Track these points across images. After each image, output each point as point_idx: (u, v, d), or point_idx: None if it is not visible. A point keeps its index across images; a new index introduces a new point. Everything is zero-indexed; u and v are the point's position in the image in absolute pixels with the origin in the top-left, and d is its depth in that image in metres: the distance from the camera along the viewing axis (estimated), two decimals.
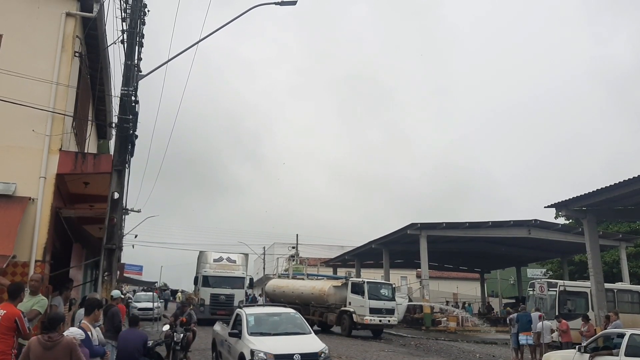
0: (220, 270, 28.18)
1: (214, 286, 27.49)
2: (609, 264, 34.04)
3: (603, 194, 18.28)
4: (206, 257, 29.06)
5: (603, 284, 20.34)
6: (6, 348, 6.97)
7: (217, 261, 28.72)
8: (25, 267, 10.30)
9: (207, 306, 26.83)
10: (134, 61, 12.51)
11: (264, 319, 12.32)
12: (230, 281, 28.03)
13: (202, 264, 28.76)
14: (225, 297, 27.07)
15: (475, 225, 30.79)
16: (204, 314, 25.13)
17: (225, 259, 29.09)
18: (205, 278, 27.88)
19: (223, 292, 27.42)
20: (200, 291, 27.48)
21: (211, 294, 27.25)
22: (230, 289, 27.64)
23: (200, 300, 26.71)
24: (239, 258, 29.94)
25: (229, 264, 28.89)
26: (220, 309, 25.99)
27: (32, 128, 10.87)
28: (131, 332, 9.10)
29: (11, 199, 10.40)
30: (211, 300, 27.03)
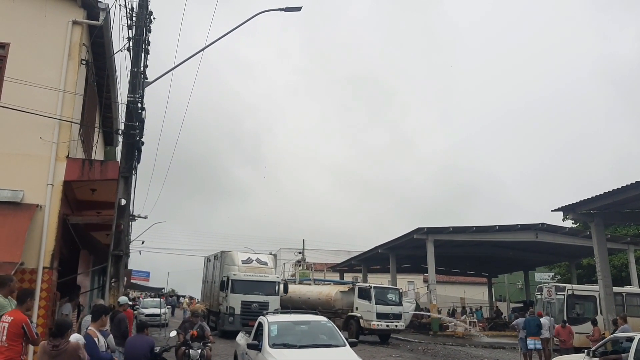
0: (251, 274, 24.16)
1: (245, 292, 23.47)
2: (618, 267, 33.86)
3: (611, 197, 18.18)
4: (232, 258, 25.13)
5: (611, 288, 20.21)
6: (15, 355, 6.99)
7: (245, 263, 24.75)
8: (33, 274, 10.34)
9: (237, 316, 22.97)
10: (140, 68, 12.59)
11: (289, 328, 10.48)
12: (263, 286, 24.13)
13: (228, 266, 24.76)
14: (259, 305, 22.81)
15: (482, 229, 30.69)
16: (233, 325, 22.15)
17: (255, 260, 25.18)
18: (234, 283, 23.58)
19: (256, 299, 23.38)
20: (229, 298, 23.37)
21: (242, 301, 23.20)
22: (263, 296, 23.72)
23: (230, 309, 23.13)
24: (269, 259, 26.28)
25: (260, 266, 24.92)
26: (253, 319, 23.79)
27: (40, 135, 10.94)
28: (138, 338, 9.11)
29: (19, 206, 10.46)
30: (242, 309, 23.05)
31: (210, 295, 27.50)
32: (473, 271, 46.93)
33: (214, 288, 26.57)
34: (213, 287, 27.10)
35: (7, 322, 7.00)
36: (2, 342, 6.96)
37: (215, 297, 25.84)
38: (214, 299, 25.98)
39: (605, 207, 19.59)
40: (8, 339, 6.92)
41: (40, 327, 9.90)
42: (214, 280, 26.70)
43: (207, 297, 28.44)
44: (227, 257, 25.45)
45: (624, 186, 17.32)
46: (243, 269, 24.25)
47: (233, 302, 23.20)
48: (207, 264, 29.59)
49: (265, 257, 26.31)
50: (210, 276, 28.34)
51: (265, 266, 25.07)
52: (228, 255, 25.46)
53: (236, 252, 25.59)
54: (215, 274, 26.67)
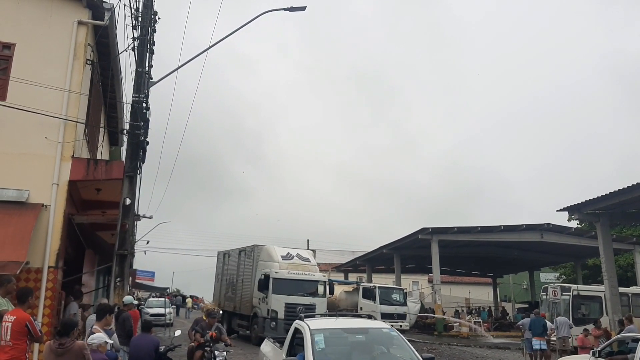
0: (295, 272, 21.12)
1: (289, 293, 20.43)
2: (623, 267, 33.72)
3: (616, 197, 18.10)
4: (269, 253, 21.92)
5: (617, 288, 20.13)
6: (19, 354, 7.02)
7: (286, 259, 21.60)
8: (39, 273, 10.39)
9: (280, 321, 19.71)
10: (144, 68, 12.61)
11: (339, 339, 7.70)
12: (308, 286, 21.27)
13: (264, 262, 21.75)
14: (305, 309, 19.66)
15: (487, 229, 30.61)
16: (276, 331, 19.02)
17: (295, 255, 22.09)
18: (276, 282, 20.34)
19: (301, 301, 20.41)
20: (271, 300, 20.19)
21: (286, 304, 20.09)
22: (309, 297, 20.78)
23: (272, 312, 19.97)
24: (310, 255, 23.20)
25: (303, 263, 21.88)
26: None
27: (45, 135, 10.98)
28: (143, 338, 9.12)
29: (24, 206, 10.51)
30: (286, 313, 19.80)
31: (233, 295, 24.37)
32: (478, 271, 46.81)
33: (240, 286, 23.62)
34: (237, 286, 24.11)
35: (10, 321, 7.02)
36: (6, 341, 6.98)
37: (244, 298, 22.71)
38: (242, 300, 22.92)
39: (611, 207, 19.51)
40: (12, 338, 6.95)
41: (46, 327, 9.94)
42: (242, 279, 23.60)
43: (225, 297, 25.41)
44: (262, 252, 22.29)
45: (629, 186, 17.23)
46: (284, 266, 21.04)
47: (275, 305, 19.99)
48: (224, 260, 26.71)
49: (306, 252, 23.30)
50: (233, 273, 25.14)
51: (308, 263, 22.09)
52: (264, 250, 22.29)
53: (273, 247, 22.36)
54: (244, 271, 23.63)
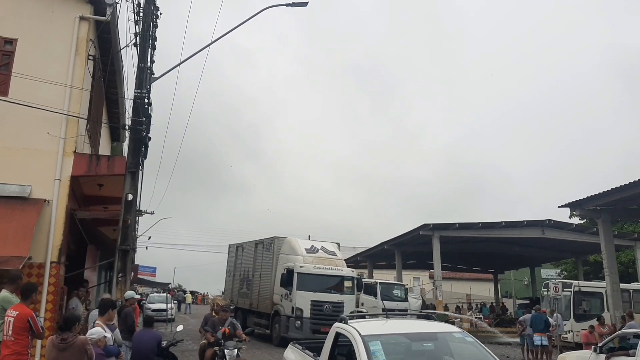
0: (322, 267, 19.39)
1: (315, 289, 18.80)
2: (625, 264, 33.70)
3: (618, 193, 18.09)
4: (292, 245, 20.29)
5: (619, 284, 20.16)
6: (22, 349, 7.06)
7: (310, 252, 19.86)
8: (41, 268, 10.42)
9: (306, 320, 18.25)
10: (146, 64, 12.60)
11: (403, 350, 5.98)
12: (336, 282, 19.69)
13: (286, 255, 20.16)
14: (332, 307, 18.44)
15: (489, 225, 30.60)
16: (301, 331, 17.81)
17: (320, 248, 20.37)
18: (302, 277, 18.73)
19: (328, 298, 18.87)
20: (295, 296, 18.55)
21: (312, 301, 18.54)
22: (337, 294, 19.27)
23: (296, 310, 18.36)
24: (336, 249, 21.54)
25: (329, 257, 20.19)
26: (326, 324, 16.70)
27: (47, 131, 11.00)
28: (145, 333, 9.15)
29: (27, 201, 10.53)
30: (312, 312, 18.41)
31: (248, 291, 22.73)
32: (479, 267, 46.81)
33: (257, 282, 21.91)
34: (254, 281, 22.43)
35: (12, 316, 7.06)
36: (9, 336, 7.02)
37: (263, 294, 21.05)
38: (260, 297, 21.25)
39: (612, 204, 19.51)
40: (14, 333, 6.99)
41: (48, 322, 9.97)
42: (260, 273, 21.86)
43: (239, 293, 23.87)
44: (284, 244, 20.62)
45: (631, 182, 17.23)
46: (309, 260, 19.30)
47: (300, 302, 18.42)
48: (237, 253, 25.22)
49: (331, 245, 21.48)
50: (248, 267, 23.46)
51: (334, 257, 20.44)
52: (285, 243, 20.65)
53: (295, 239, 20.74)
54: (262, 265, 21.86)
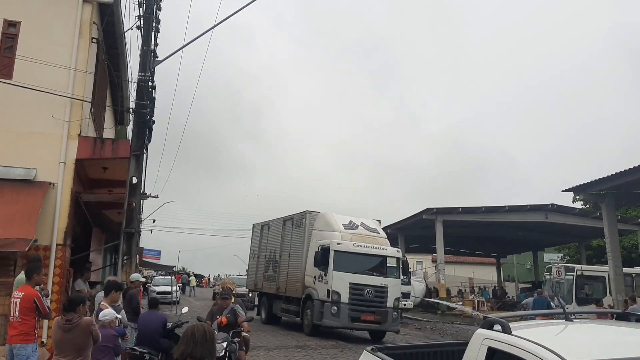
0: (362, 245, 16.75)
1: (354, 271, 16.35)
2: (628, 248, 33.72)
3: (622, 177, 18.08)
4: (327, 220, 17.75)
5: (621, 268, 20.24)
6: (29, 329, 7.18)
7: (349, 228, 17.32)
8: (47, 250, 10.51)
9: (343, 305, 15.92)
10: (150, 47, 12.58)
11: None
12: (379, 263, 17.09)
13: (320, 231, 17.63)
14: (375, 292, 16.22)
15: (492, 209, 30.64)
16: (338, 319, 15.87)
17: (360, 224, 17.80)
18: (339, 256, 16.24)
19: (370, 281, 16.44)
20: (331, 278, 16.10)
21: (351, 284, 16.12)
22: (380, 277, 16.71)
23: (333, 294, 15.94)
24: (377, 226, 18.84)
25: (371, 234, 17.56)
26: (367, 312, 16.05)
27: (52, 114, 11.01)
28: (151, 314, 9.26)
29: (32, 184, 10.59)
30: (351, 296, 16.02)
31: (274, 274, 20.38)
32: (482, 251, 46.96)
33: (285, 263, 19.44)
34: (281, 262, 19.88)
35: (18, 297, 7.18)
36: (15, 317, 7.14)
37: (292, 276, 18.65)
38: (289, 279, 18.87)
39: (616, 188, 19.51)
40: (21, 314, 7.11)
41: (55, 303, 10.09)
42: (288, 253, 19.38)
43: (264, 276, 21.52)
44: (317, 219, 18.20)
45: (635, 166, 17.21)
46: (348, 237, 16.76)
47: (338, 285, 16.02)
48: (262, 233, 22.75)
49: (372, 222, 18.76)
50: (274, 247, 20.94)
51: (376, 234, 17.78)
52: (319, 218, 18.20)
53: (331, 213, 18.10)
54: (291, 244, 19.38)
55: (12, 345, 7.10)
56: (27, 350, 7.10)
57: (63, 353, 5.92)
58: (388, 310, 16.20)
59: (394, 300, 16.65)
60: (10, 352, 7.14)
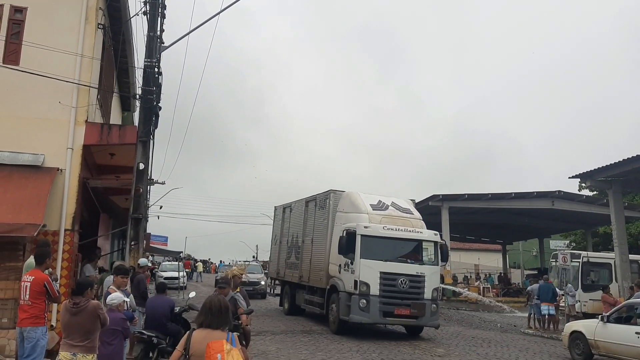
0: (393, 227, 14.71)
1: (385, 258, 14.38)
2: (634, 235, 33.68)
3: (629, 164, 18.00)
4: (353, 201, 15.76)
5: (627, 255, 20.22)
6: (39, 312, 7.28)
7: (378, 209, 15.35)
8: (56, 235, 10.59)
9: (373, 298, 13.99)
10: (156, 32, 12.57)
11: None
12: (414, 249, 15.09)
13: (345, 213, 15.70)
14: (410, 282, 14.26)
15: (498, 196, 30.58)
16: (368, 314, 13.94)
17: (390, 204, 15.71)
18: (367, 242, 14.37)
19: (404, 270, 14.38)
20: (358, 267, 14.15)
21: (382, 273, 14.14)
22: (416, 265, 14.64)
23: (361, 286, 14.01)
24: (411, 206, 16.62)
25: (403, 216, 15.48)
26: (401, 305, 14.14)
27: (59, 100, 11.04)
28: (158, 299, 9.35)
29: (40, 170, 10.65)
30: (382, 288, 14.09)
31: (297, 260, 18.51)
32: (488, 238, 46.97)
33: (308, 249, 17.51)
34: (304, 248, 17.99)
35: (28, 281, 7.27)
36: (26, 300, 7.24)
37: (315, 264, 16.83)
38: (312, 267, 17.02)
39: (623, 175, 19.44)
40: (31, 297, 7.20)
41: (63, 287, 10.20)
42: (311, 237, 17.46)
43: (286, 263, 19.80)
44: (342, 200, 16.26)
45: None
46: (377, 219, 14.91)
47: (366, 275, 14.11)
48: (284, 216, 20.94)
49: (404, 201, 16.60)
50: (297, 232, 19.09)
51: (409, 215, 15.70)
52: (344, 198, 16.24)
53: (357, 193, 16.15)
54: (314, 227, 17.44)
55: (23, 328, 7.20)
56: (37, 333, 7.20)
57: (71, 336, 6.00)
58: (426, 302, 14.31)
59: (433, 290, 14.65)
60: (21, 335, 7.25)
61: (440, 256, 15.30)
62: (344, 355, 11.68)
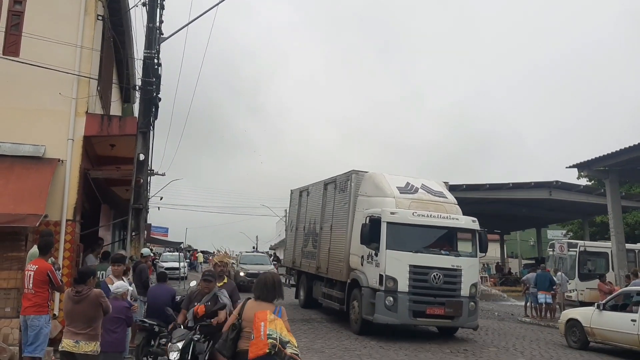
0: (424, 213, 13.03)
1: (415, 249, 12.81)
2: (631, 225, 33.84)
3: (627, 153, 18.09)
4: (377, 183, 14.06)
5: (624, 244, 20.35)
6: (42, 301, 7.40)
7: (406, 192, 13.61)
8: (57, 226, 10.68)
9: (402, 295, 12.39)
10: (155, 23, 12.59)
11: None
12: (449, 238, 13.66)
13: (370, 198, 13.95)
14: (444, 276, 12.66)
15: (496, 186, 30.61)
16: (396, 314, 12.34)
17: (420, 187, 14.01)
18: (394, 230, 12.76)
19: (438, 262, 12.78)
20: (384, 259, 12.56)
21: (412, 267, 12.56)
22: (452, 257, 13.07)
23: (387, 280, 12.41)
24: (443, 188, 15.02)
25: (436, 200, 13.78)
26: (434, 303, 12.56)
27: (59, 91, 11.08)
28: (160, 288, 9.44)
29: (41, 161, 10.72)
30: (412, 283, 12.52)
31: (314, 249, 16.89)
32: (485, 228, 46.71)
33: (327, 237, 15.82)
34: (322, 236, 16.33)
35: (32, 270, 7.38)
36: (29, 289, 7.36)
37: (334, 254, 15.16)
38: (331, 258, 15.36)
39: (620, 164, 19.53)
40: (35, 286, 7.32)
41: (66, 277, 10.31)
42: (330, 224, 15.75)
43: (303, 252, 18.18)
44: (364, 182, 14.51)
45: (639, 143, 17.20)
46: (405, 203, 13.19)
47: (393, 268, 12.49)
48: (301, 200, 19.21)
49: (435, 183, 14.90)
50: (314, 218, 17.39)
51: (442, 199, 13.99)
52: (367, 180, 14.50)
53: (382, 174, 14.38)
54: (333, 213, 15.73)
55: (26, 316, 7.33)
56: (41, 322, 7.32)
57: (73, 324, 6.11)
58: (462, 300, 12.64)
59: (470, 286, 12.96)
60: (25, 323, 7.37)
61: (479, 246, 13.65)
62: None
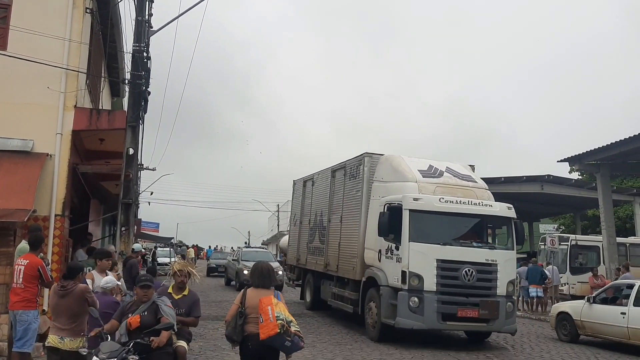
0: (452, 200, 11.39)
1: (443, 241, 11.21)
2: (622, 219, 34.03)
3: (617, 147, 18.12)
4: (395, 167, 12.39)
5: (615, 238, 20.44)
6: (31, 296, 7.33)
7: (430, 176, 12.02)
8: (46, 221, 10.60)
9: (428, 295, 10.77)
10: (144, 17, 12.48)
11: None
12: (481, 228, 12.08)
13: (388, 183, 12.30)
14: (477, 273, 11.01)
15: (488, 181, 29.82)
16: (421, 317, 10.73)
17: (445, 170, 12.45)
18: (418, 219, 11.16)
19: (469, 256, 11.15)
20: (407, 253, 10.95)
21: (439, 261, 10.92)
22: (486, 250, 11.52)
23: (410, 278, 10.79)
24: (470, 172, 13.48)
25: (464, 184, 12.28)
26: (467, 304, 10.91)
27: (47, 85, 10.96)
28: None
29: (29, 155, 10.62)
30: (440, 281, 10.88)
31: (321, 244, 15.16)
32: None
33: (337, 230, 14.17)
34: (330, 229, 14.66)
35: (22, 265, 7.31)
36: (19, 284, 7.29)
37: (345, 249, 13.53)
38: (341, 254, 13.71)
39: (611, 158, 19.58)
40: (24, 281, 7.25)
41: (55, 272, 10.23)
42: (340, 215, 14.11)
43: (308, 248, 16.39)
44: (381, 166, 12.87)
45: (631, 137, 17.23)
46: (429, 189, 11.54)
47: (417, 264, 10.90)
48: (305, 191, 17.48)
49: (462, 167, 13.35)
50: (321, 209, 15.60)
51: (472, 184, 12.47)
52: (383, 163, 12.86)
53: (400, 157, 12.70)
54: (343, 202, 14.03)
55: (15, 311, 7.25)
56: (29, 317, 7.26)
57: (58, 319, 6.08)
58: (499, 300, 10.97)
59: (508, 284, 11.30)
60: (14, 318, 7.30)
61: (515, 237, 12.04)
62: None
